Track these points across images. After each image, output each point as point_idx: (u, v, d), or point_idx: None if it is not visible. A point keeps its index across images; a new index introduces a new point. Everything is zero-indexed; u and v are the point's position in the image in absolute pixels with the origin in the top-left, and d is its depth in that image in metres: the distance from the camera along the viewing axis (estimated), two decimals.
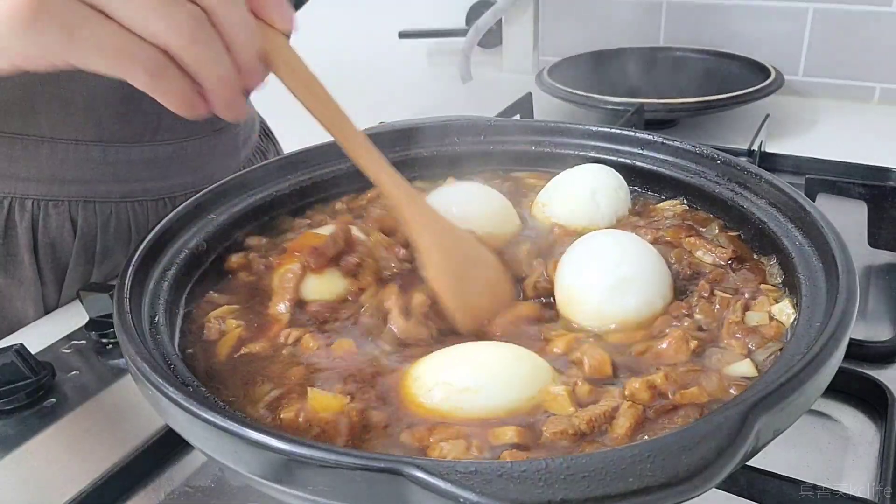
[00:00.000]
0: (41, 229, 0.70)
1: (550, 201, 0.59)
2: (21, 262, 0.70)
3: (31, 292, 0.71)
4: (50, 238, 0.70)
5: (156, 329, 0.43)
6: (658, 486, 0.27)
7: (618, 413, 0.37)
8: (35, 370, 0.56)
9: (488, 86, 1.35)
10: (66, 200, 0.70)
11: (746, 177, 0.54)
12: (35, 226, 0.70)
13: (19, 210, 0.69)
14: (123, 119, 0.70)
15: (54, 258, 0.71)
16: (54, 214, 0.70)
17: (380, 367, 0.42)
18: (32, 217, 0.69)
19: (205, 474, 0.49)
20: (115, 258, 0.74)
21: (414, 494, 0.29)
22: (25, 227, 0.69)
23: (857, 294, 0.38)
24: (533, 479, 0.27)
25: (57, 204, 0.70)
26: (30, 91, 0.65)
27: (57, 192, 0.69)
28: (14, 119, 0.66)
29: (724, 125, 1.12)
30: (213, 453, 0.34)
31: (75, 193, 0.70)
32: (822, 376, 0.34)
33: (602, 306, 0.45)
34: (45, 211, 0.70)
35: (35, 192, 0.69)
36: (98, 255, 0.73)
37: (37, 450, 0.52)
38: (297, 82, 0.44)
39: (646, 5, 1.33)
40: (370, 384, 0.41)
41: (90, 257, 0.73)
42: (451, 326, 0.47)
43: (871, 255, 0.71)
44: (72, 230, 0.71)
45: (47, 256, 0.71)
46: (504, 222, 0.57)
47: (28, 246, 0.70)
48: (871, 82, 1.20)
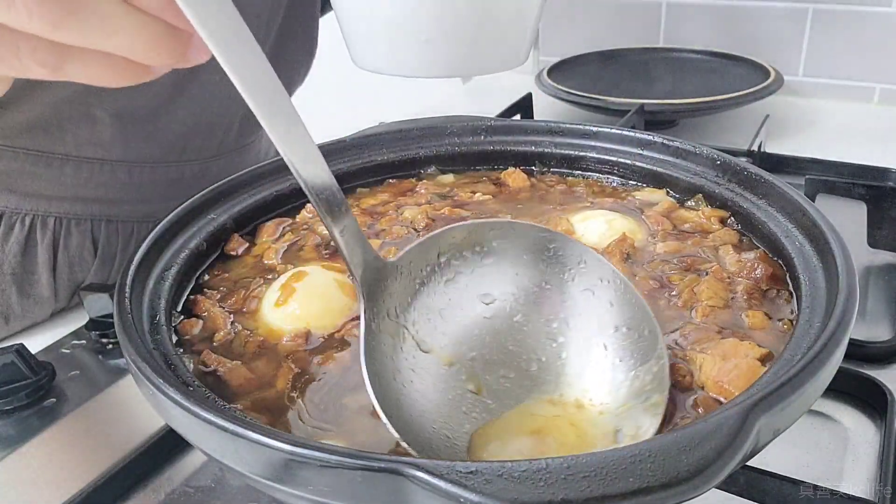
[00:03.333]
0: (62, 248, 0.69)
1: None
2: (38, 281, 0.69)
3: (45, 310, 0.71)
4: (69, 257, 0.70)
5: (156, 329, 0.43)
6: (658, 486, 0.27)
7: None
8: (35, 370, 0.56)
9: (488, 86, 1.35)
10: (89, 220, 0.70)
11: (746, 177, 0.54)
12: (56, 244, 0.69)
13: (41, 228, 0.68)
14: (150, 139, 0.69)
15: (71, 277, 0.71)
16: (76, 233, 0.69)
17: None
18: (54, 235, 0.69)
19: (205, 474, 0.49)
20: None
21: (414, 494, 0.29)
22: (46, 246, 0.69)
23: (857, 294, 0.38)
24: (533, 478, 0.27)
25: (79, 223, 0.69)
26: (58, 109, 0.65)
27: (80, 210, 0.69)
28: (40, 137, 0.66)
29: (723, 125, 1.12)
30: (213, 453, 0.34)
31: (98, 213, 0.70)
32: (823, 376, 0.34)
33: None
34: (66, 230, 0.69)
35: (57, 210, 0.68)
36: (115, 273, 0.73)
37: (37, 450, 0.52)
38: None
39: (646, 5, 1.33)
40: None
41: (106, 276, 0.73)
42: None
43: (871, 255, 0.71)
44: (92, 249, 0.71)
45: (64, 275, 0.70)
46: None
47: (47, 265, 0.69)
48: (870, 83, 1.20)
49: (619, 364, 0.39)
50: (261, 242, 0.56)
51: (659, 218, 0.56)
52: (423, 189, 0.63)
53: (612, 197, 0.60)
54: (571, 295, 0.42)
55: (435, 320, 0.41)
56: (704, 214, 0.55)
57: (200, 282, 0.52)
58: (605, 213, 0.57)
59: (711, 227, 0.54)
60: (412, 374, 0.39)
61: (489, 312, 0.43)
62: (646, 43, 1.34)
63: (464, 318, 0.42)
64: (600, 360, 0.40)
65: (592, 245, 0.53)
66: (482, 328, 0.42)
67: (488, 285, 0.43)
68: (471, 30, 0.59)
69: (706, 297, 0.45)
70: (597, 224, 0.55)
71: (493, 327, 0.42)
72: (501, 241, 0.43)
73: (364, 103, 1.14)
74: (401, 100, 1.33)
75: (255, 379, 0.42)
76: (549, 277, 0.43)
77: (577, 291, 0.42)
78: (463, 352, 0.41)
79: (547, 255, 0.43)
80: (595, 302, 0.42)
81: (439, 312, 0.42)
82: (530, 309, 0.43)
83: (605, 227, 0.55)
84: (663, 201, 0.58)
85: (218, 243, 0.55)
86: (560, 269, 0.43)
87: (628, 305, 0.41)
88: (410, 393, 0.38)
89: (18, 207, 0.67)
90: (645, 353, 0.39)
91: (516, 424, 0.38)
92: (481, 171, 0.67)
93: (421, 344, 0.40)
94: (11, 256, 0.67)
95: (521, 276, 0.43)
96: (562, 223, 0.56)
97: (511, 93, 1.12)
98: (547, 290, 0.43)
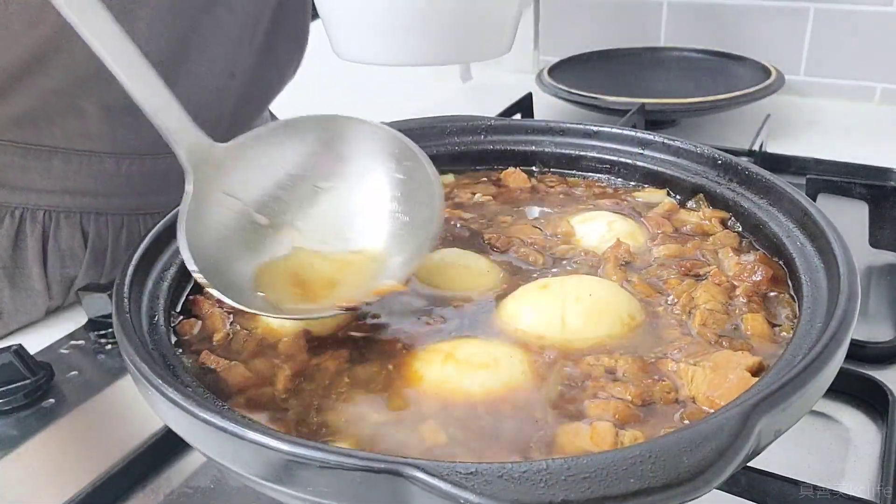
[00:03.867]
0: (51, 241, 0.69)
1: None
2: (30, 275, 0.69)
3: (38, 305, 0.71)
4: (60, 250, 0.70)
5: (155, 329, 0.43)
6: (659, 486, 0.27)
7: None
8: (34, 370, 0.56)
9: (488, 86, 1.35)
10: (78, 212, 0.70)
11: (747, 177, 0.54)
12: (45, 238, 0.69)
13: (30, 221, 0.68)
14: (138, 130, 0.69)
15: (63, 271, 0.71)
16: (65, 226, 0.69)
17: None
18: (43, 229, 0.69)
19: (204, 475, 0.49)
20: None
21: (414, 495, 0.29)
22: (36, 239, 0.68)
23: (858, 294, 0.38)
24: (533, 479, 0.27)
25: (69, 216, 0.69)
26: (46, 101, 0.65)
27: (69, 203, 0.69)
28: (28, 129, 0.66)
29: (724, 125, 1.12)
30: (212, 454, 0.34)
31: (87, 206, 0.70)
32: (824, 377, 0.34)
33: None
34: (56, 223, 0.69)
35: (47, 203, 0.68)
36: (107, 268, 0.73)
37: (36, 450, 0.52)
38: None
39: (646, 5, 1.33)
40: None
41: (99, 270, 0.72)
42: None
43: (873, 255, 0.71)
44: (83, 242, 0.71)
45: (56, 269, 0.70)
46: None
47: (37, 258, 0.69)
48: (871, 82, 1.20)
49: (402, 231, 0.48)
50: None
51: (660, 220, 0.56)
52: None
53: (613, 198, 0.60)
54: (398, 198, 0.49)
55: (260, 182, 0.48)
56: (705, 215, 0.55)
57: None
58: (605, 214, 0.57)
59: (712, 230, 0.54)
60: (224, 219, 0.46)
61: (321, 190, 0.49)
62: (646, 42, 1.34)
63: (291, 186, 0.48)
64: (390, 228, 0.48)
65: (592, 247, 0.53)
66: (305, 197, 0.49)
67: (324, 174, 0.49)
68: (453, 17, 0.59)
69: (704, 300, 0.45)
70: (597, 226, 0.55)
71: (317, 201, 0.49)
72: (355, 142, 0.49)
73: (363, 103, 1.14)
74: (400, 99, 1.33)
75: (253, 379, 0.42)
76: (385, 177, 0.49)
77: (412, 204, 0.48)
78: (275, 209, 0.48)
79: (398, 166, 0.49)
80: (418, 210, 0.48)
81: (269, 185, 0.48)
82: (353, 190, 0.49)
83: (605, 228, 0.55)
84: (664, 202, 0.58)
85: None
86: (404, 182, 0.49)
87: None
88: (215, 230, 0.45)
89: (8, 201, 0.67)
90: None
91: (295, 264, 0.47)
92: (481, 171, 0.67)
93: (244, 203, 0.47)
94: (2, 250, 0.67)
95: (357, 167, 0.49)
96: (562, 224, 0.56)
97: (511, 92, 1.12)
98: (375, 184, 0.49)
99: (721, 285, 0.47)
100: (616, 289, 0.47)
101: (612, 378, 0.40)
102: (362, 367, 0.42)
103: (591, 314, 0.44)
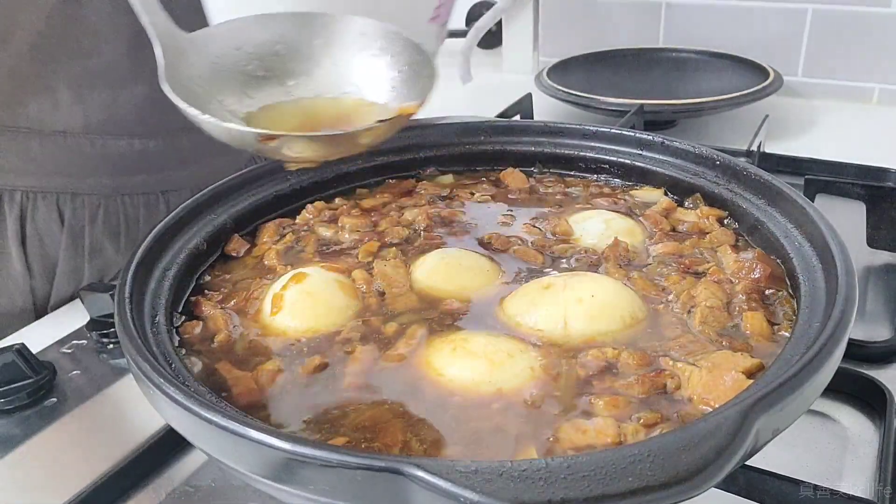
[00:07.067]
0: (29, 221, 0.70)
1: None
2: (9, 255, 0.70)
3: (20, 285, 0.71)
4: (38, 231, 0.70)
5: (157, 329, 0.43)
6: (658, 485, 0.28)
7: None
8: (36, 370, 0.56)
9: (488, 86, 1.35)
10: (55, 193, 0.70)
11: (746, 177, 0.54)
12: (24, 218, 0.69)
13: (8, 202, 0.69)
14: (109, 110, 0.69)
15: (43, 252, 0.71)
16: (42, 207, 0.70)
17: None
18: (21, 209, 0.69)
19: (205, 474, 0.49)
20: (105, 253, 0.74)
21: (415, 494, 0.29)
22: (14, 219, 0.69)
23: (856, 294, 0.39)
24: (533, 478, 0.27)
25: (45, 196, 0.70)
26: (18, 81, 0.65)
27: (45, 184, 0.69)
28: (2, 110, 0.66)
29: (723, 126, 1.13)
30: (214, 452, 0.34)
31: (63, 186, 0.70)
32: (822, 376, 0.34)
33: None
34: (33, 203, 0.69)
35: (24, 184, 0.69)
36: (87, 249, 0.73)
37: (37, 450, 0.52)
38: None
39: (645, 6, 1.33)
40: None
41: (80, 251, 0.73)
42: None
43: (870, 255, 0.71)
44: (59, 223, 0.71)
45: (35, 249, 0.71)
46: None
47: (16, 238, 0.70)
48: (870, 83, 1.20)
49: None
50: (261, 244, 0.56)
51: (657, 218, 0.56)
52: (423, 190, 0.63)
53: (611, 197, 0.60)
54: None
55: (257, 37, 0.47)
56: (702, 213, 0.55)
57: (201, 282, 0.52)
58: (603, 213, 0.57)
59: (709, 227, 0.54)
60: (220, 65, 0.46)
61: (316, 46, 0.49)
62: (646, 43, 1.34)
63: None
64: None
65: (591, 245, 0.53)
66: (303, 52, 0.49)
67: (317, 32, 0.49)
68: None
69: (704, 298, 0.45)
70: (595, 224, 0.55)
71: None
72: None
73: None
74: None
75: (255, 379, 0.42)
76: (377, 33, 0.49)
77: (405, 59, 0.48)
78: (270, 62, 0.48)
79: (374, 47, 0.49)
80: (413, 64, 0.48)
81: (266, 40, 0.48)
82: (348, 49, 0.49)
83: (602, 226, 0.55)
84: (661, 201, 0.58)
85: (218, 243, 0.55)
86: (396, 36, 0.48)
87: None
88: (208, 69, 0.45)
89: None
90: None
91: (293, 107, 0.47)
92: (480, 171, 0.67)
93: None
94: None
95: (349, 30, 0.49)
96: (561, 223, 0.56)
97: (511, 93, 1.12)
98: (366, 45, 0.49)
99: (720, 283, 0.47)
100: (619, 287, 0.47)
101: (614, 374, 0.40)
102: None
103: (594, 313, 0.44)
